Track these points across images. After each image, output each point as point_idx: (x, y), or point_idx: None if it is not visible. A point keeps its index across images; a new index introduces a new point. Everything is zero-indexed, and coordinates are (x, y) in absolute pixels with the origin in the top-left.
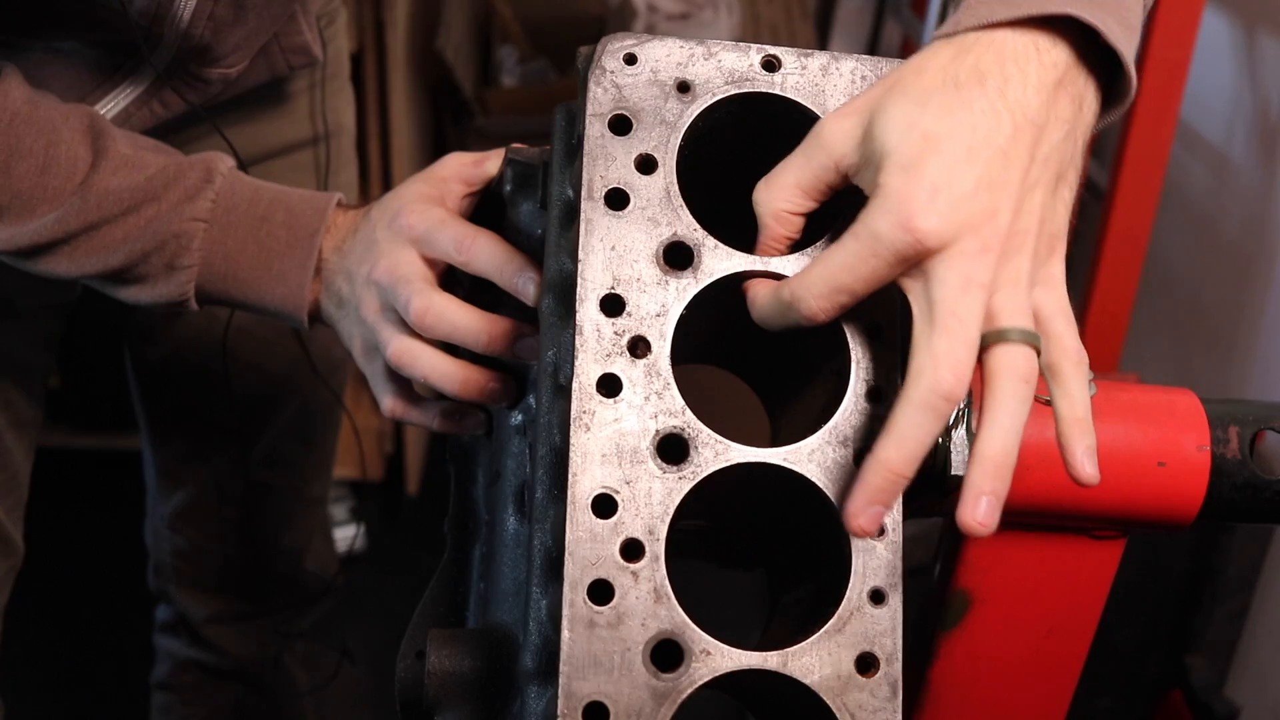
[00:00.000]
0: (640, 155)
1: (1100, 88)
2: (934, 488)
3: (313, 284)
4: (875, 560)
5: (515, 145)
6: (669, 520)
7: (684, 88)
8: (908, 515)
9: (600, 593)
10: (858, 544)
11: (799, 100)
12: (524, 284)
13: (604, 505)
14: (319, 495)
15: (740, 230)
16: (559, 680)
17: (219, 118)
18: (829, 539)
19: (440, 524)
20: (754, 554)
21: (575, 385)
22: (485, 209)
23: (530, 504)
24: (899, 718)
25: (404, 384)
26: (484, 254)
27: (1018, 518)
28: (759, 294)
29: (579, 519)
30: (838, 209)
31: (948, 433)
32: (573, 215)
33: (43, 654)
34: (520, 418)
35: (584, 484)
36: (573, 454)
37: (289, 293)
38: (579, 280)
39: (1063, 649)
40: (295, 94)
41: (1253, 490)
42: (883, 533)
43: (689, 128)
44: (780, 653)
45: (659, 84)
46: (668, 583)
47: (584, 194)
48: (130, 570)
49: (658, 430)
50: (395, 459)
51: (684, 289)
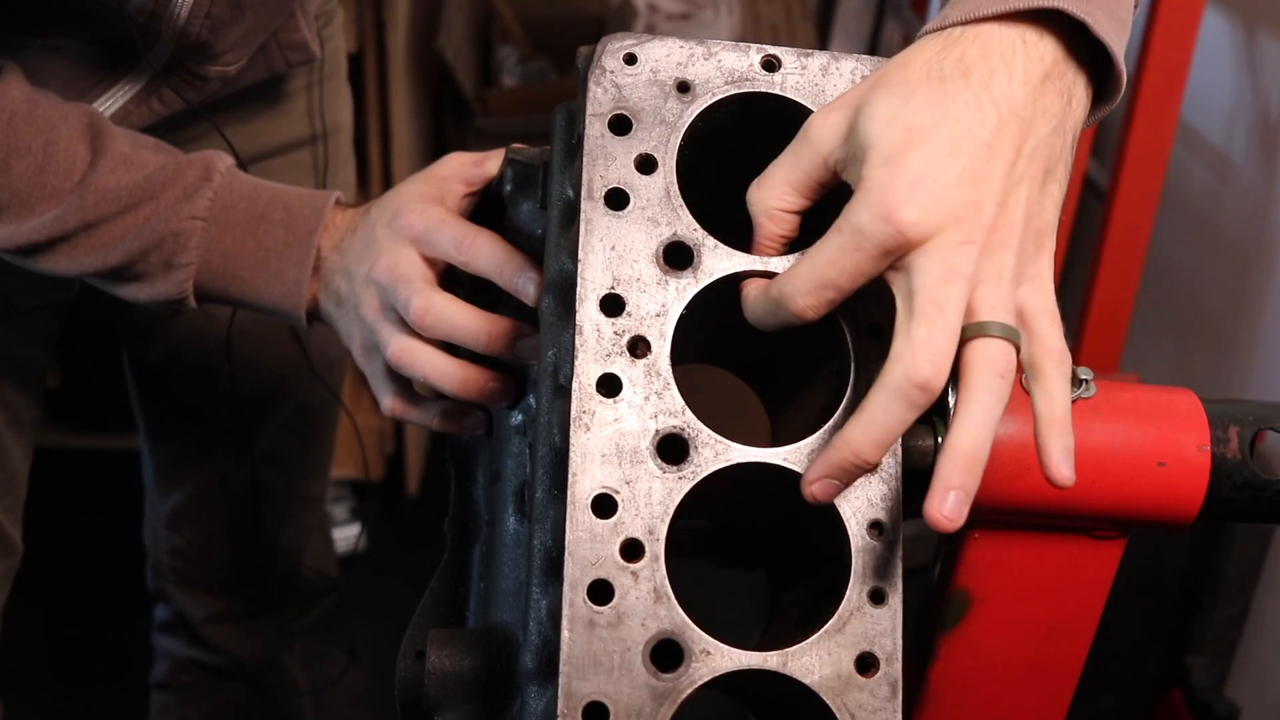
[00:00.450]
0: (640, 155)
1: (1091, 83)
2: None
3: (311, 282)
4: (875, 560)
5: (515, 145)
6: (669, 520)
7: (684, 88)
8: (908, 515)
9: (600, 593)
10: (857, 544)
11: (799, 100)
12: (524, 284)
13: (604, 505)
14: (317, 494)
15: (740, 230)
16: (559, 680)
17: (217, 116)
18: (829, 539)
19: (440, 524)
20: (754, 554)
21: (575, 385)
22: (485, 209)
23: (530, 504)
24: (899, 718)
25: (404, 383)
26: (484, 254)
27: (1018, 518)
28: (750, 294)
29: (579, 519)
30: (837, 208)
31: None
32: (573, 215)
33: (41, 654)
34: (520, 418)
35: (584, 484)
36: (573, 454)
37: (287, 291)
38: (579, 280)
39: (1063, 649)
40: (293, 93)
41: (1253, 490)
42: (883, 532)
43: (689, 128)
44: (780, 653)
45: (659, 84)
46: (668, 583)
47: (584, 194)
48: (129, 570)
49: (658, 430)
50: (395, 459)
51: (684, 289)
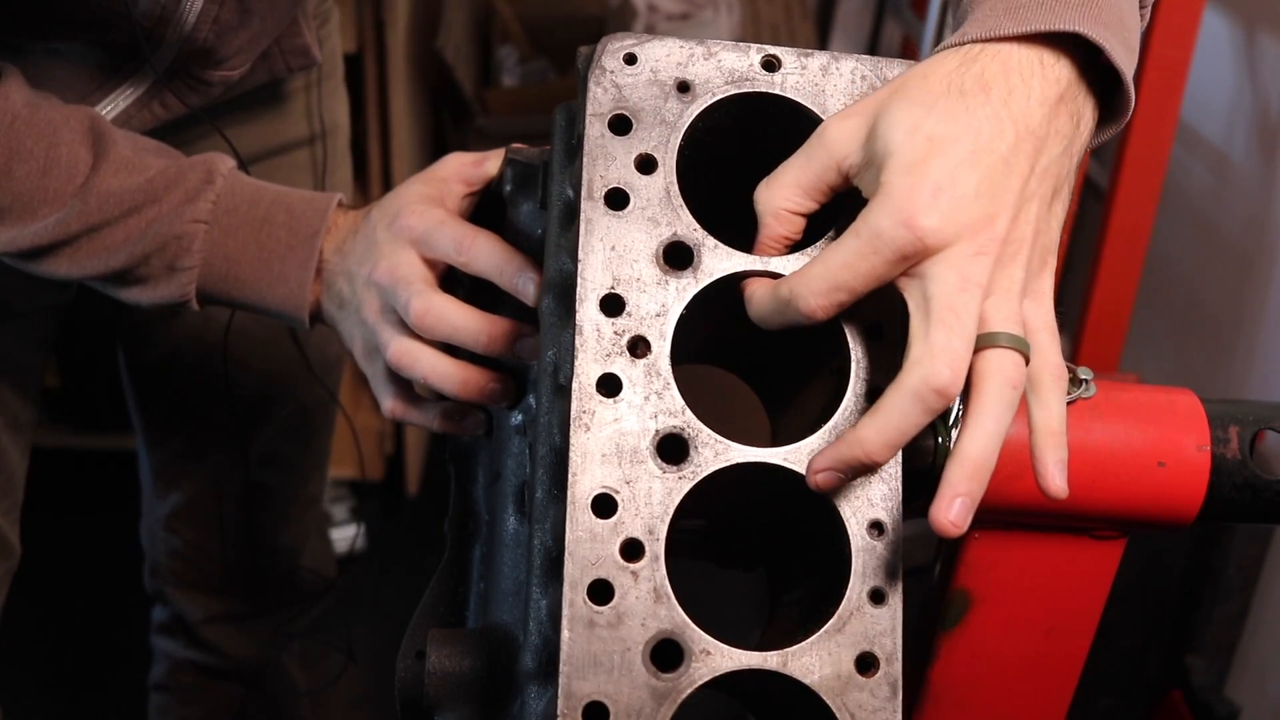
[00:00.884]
0: (640, 155)
1: (1097, 106)
2: (933, 488)
3: (314, 285)
4: (875, 560)
5: (515, 145)
6: (669, 520)
7: (684, 88)
8: (908, 515)
9: (600, 593)
10: (857, 544)
11: (799, 100)
12: (524, 284)
13: (604, 505)
14: (315, 494)
15: (740, 230)
16: (559, 680)
17: (215, 118)
18: (829, 539)
19: (440, 524)
20: (754, 554)
21: (575, 385)
22: (485, 209)
23: (530, 504)
24: (899, 718)
25: (404, 385)
26: (484, 254)
27: (1018, 518)
28: (756, 292)
29: (579, 519)
30: (836, 213)
31: (948, 433)
32: (573, 215)
33: (39, 655)
34: (520, 418)
35: (584, 484)
36: (573, 454)
37: (290, 293)
38: (579, 280)
39: (1063, 649)
40: (291, 94)
41: (1253, 490)
42: (883, 532)
43: (689, 128)
44: (780, 653)
45: (659, 84)
46: (668, 583)
47: (584, 194)
48: (127, 571)
49: (658, 430)
50: (395, 459)
51: (684, 289)
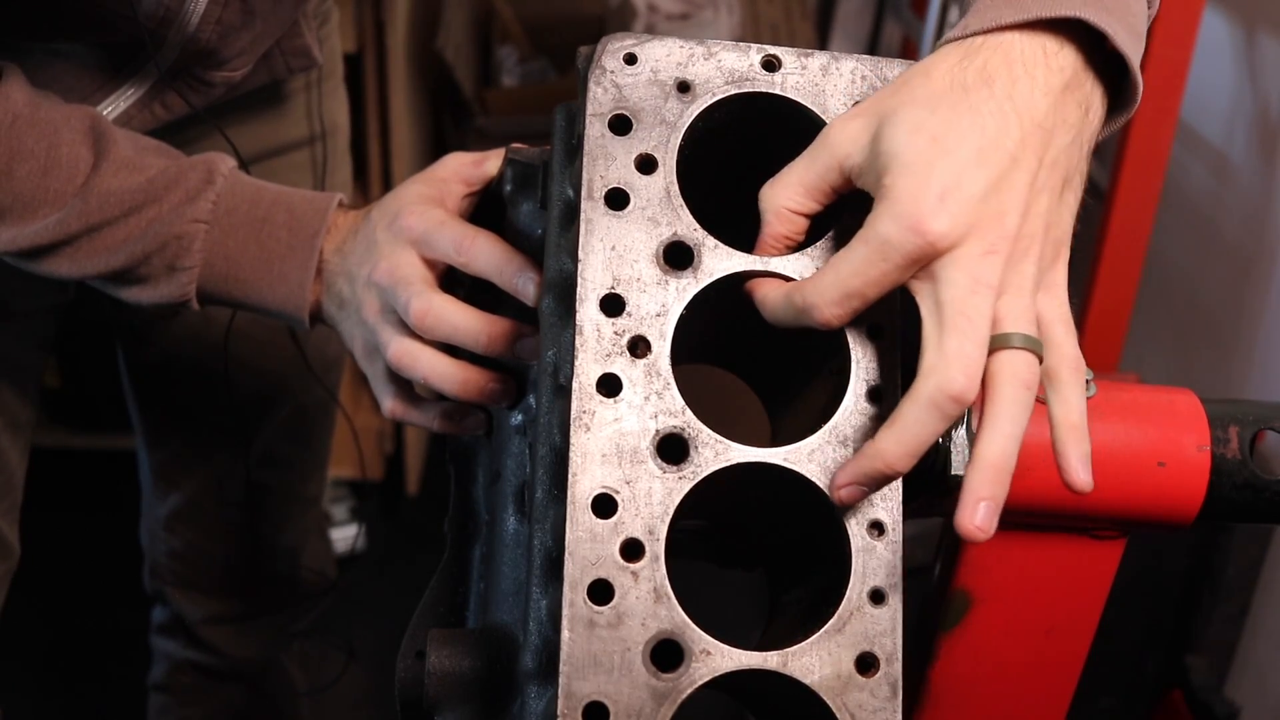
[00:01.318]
0: (640, 155)
1: (1106, 94)
2: (934, 487)
3: (314, 285)
4: (875, 560)
5: (515, 145)
6: (669, 520)
7: (684, 88)
8: (908, 515)
9: (600, 593)
10: (858, 544)
11: (799, 100)
12: (524, 284)
13: (604, 505)
14: (314, 494)
15: (740, 230)
16: (559, 680)
17: (217, 119)
18: (829, 539)
19: (440, 524)
20: (754, 554)
21: (575, 385)
22: (485, 209)
23: (530, 504)
24: (899, 718)
25: (405, 385)
26: (483, 254)
27: (1018, 518)
28: (770, 296)
29: (579, 519)
30: (838, 213)
31: (948, 433)
32: (573, 215)
33: (39, 655)
34: (520, 418)
35: (584, 484)
36: (573, 454)
37: (290, 293)
38: (579, 280)
39: (1063, 649)
40: (292, 94)
41: (1253, 490)
42: (883, 532)
43: (689, 128)
44: (780, 653)
45: (659, 84)
46: (668, 583)
47: (584, 194)
48: (127, 571)
49: (658, 430)
50: (395, 459)
51: (684, 289)
